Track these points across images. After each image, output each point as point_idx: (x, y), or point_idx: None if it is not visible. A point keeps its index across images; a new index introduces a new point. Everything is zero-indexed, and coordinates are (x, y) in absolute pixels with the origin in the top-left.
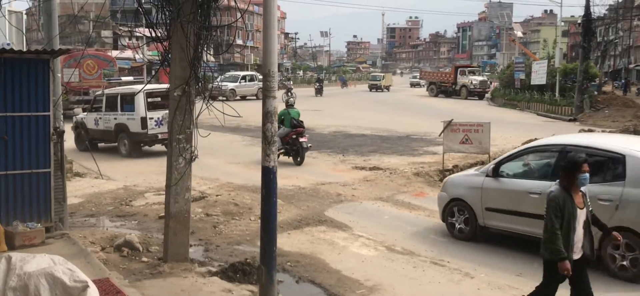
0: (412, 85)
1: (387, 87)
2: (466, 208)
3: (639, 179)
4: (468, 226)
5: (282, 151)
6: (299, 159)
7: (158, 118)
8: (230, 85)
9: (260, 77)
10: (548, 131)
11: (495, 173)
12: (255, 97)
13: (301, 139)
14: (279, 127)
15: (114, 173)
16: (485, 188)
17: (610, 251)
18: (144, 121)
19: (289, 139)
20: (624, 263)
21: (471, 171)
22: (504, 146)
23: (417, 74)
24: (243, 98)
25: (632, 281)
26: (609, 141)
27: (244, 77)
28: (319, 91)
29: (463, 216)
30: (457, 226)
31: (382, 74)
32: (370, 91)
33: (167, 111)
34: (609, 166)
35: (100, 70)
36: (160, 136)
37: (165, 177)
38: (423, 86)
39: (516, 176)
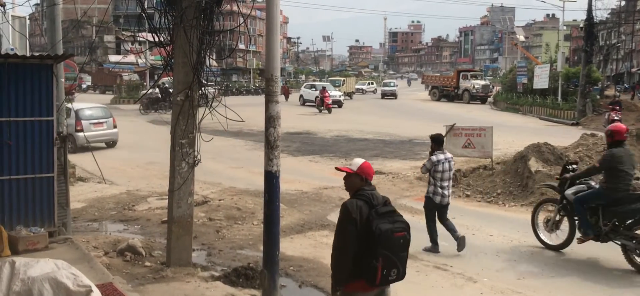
0: (385, 95)
1: (350, 95)
2: None
3: None
4: None
5: None
6: None
7: None
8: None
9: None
10: (550, 135)
11: None
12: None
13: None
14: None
15: (117, 177)
16: None
17: None
18: None
19: None
20: None
21: None
22: (507, 150)
23: (392, 82)
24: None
25: None
26: None
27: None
28: None
29: None
30: None
31: (343, 79)
32: None
33: None
34: None
35: (64, 74)
36: None
37: (168, 182)
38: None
39: None
